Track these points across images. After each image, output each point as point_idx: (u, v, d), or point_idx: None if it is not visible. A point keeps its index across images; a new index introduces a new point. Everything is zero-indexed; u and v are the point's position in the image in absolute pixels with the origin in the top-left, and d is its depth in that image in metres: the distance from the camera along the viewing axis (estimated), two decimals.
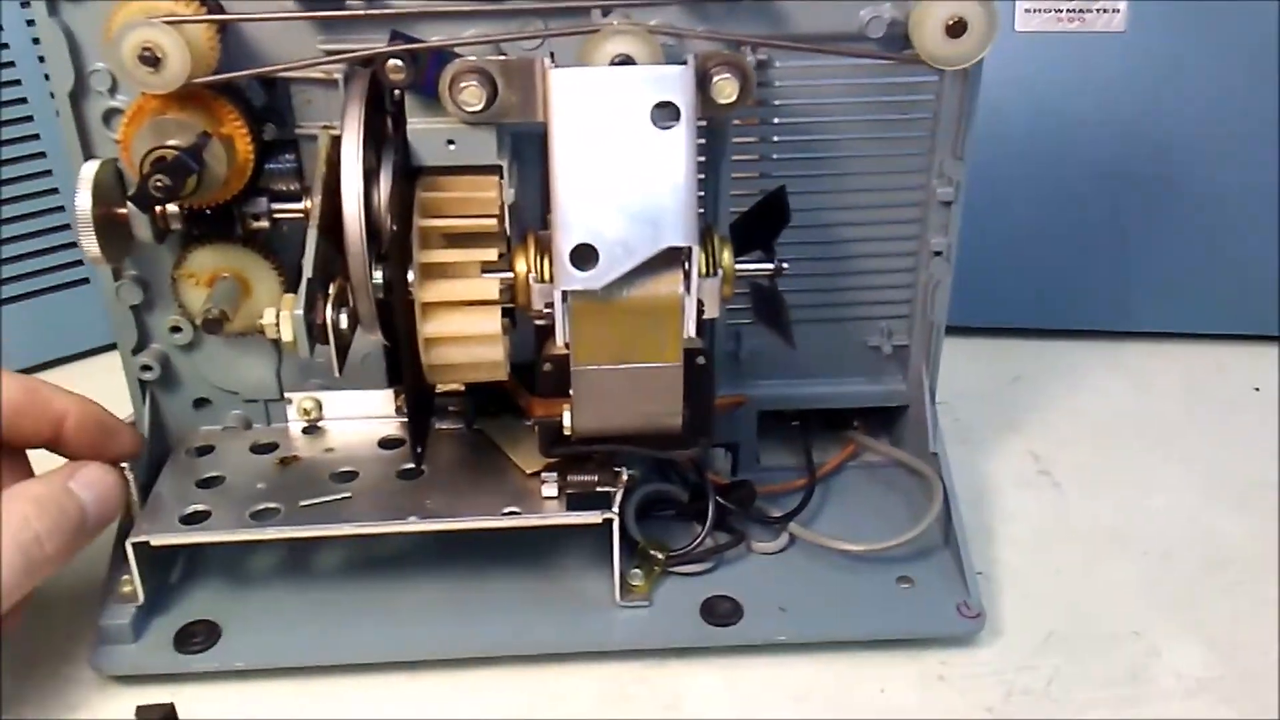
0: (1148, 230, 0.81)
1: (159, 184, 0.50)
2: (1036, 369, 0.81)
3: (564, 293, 0.51)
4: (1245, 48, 0.77)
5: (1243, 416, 0.77)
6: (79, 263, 0.79)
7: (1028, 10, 0.78)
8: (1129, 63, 0.77)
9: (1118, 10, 0.77)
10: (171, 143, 0.51)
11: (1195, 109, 0.78)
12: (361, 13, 0.53)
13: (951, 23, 0.51)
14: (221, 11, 0.52)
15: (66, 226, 0.78)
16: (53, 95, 0.72)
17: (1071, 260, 0.82)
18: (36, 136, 0.76)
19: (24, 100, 0.75)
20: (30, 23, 0.73)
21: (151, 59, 0.49)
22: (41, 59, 0.73)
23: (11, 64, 0.74)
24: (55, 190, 0.78)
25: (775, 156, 0.61)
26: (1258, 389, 0.79)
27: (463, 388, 0.63)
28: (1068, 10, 0.78)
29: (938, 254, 0.62)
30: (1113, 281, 0.82)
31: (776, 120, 0.60)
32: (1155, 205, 0.80)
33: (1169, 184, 0.80)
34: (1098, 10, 0.77)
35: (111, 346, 0.63)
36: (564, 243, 0.50)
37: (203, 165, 0.51)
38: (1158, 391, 0.79)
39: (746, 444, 0.67)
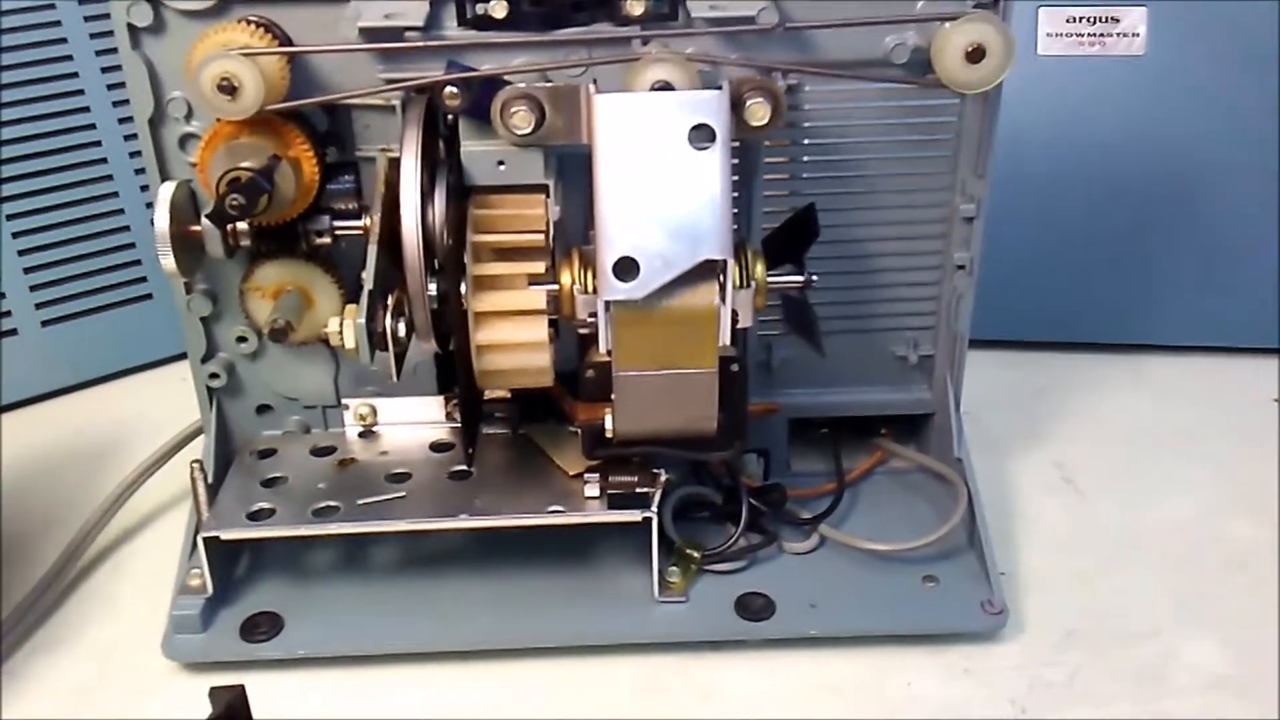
0: (1168, 246, 0.83)
1: (235, 203, 0.53)
2: (1060, 381, 0.83)
3: (606, 303, 0.54)
4: (1262, 68, 0.79)
5: (1260, 426, 0.78)
6: (144, 279, 0.84)
7: (1050, 35, 0.81)
8: (1149, 84, 0.80)
9: (1138, 35, 0.80)
10: (245, 165, 0.54)
11: (1213, 128, 0.80)
12: (419, 44, 0.57)
13: (970, 49, 0.54)
14: (291, 44, 0.57)
15: (132, 245, 0.83)
16: (120, 122, 0.76)
17: (1094, 275, 0.84)
18: (105, 160, 0.81)
19: (93, 126, 0.80)
20: (102, 53, 0.78)
21: (229, 88, 0.53)
22: (110, 88, 0.79)
23: (81, 91, 0.79)
24: (121, 211, 0.82)
25: (805, 175, 0.64)
26: (1277, 400, 0.81)
27: (510, 394, 0.66)
28: (1089, 35, 0.80)
29: (960, 268, 0.65)
30: (1134, 296, 0.84)
31: (806, 141, 0.63)
32: (1175, 222, 0.83)
33: (1188, 201, 0.82)
34: (1118, 35, 0.80)
35: (178, 357, 0.66)
36: (607, 256, 0.53)
37: (273, 185, 0.55)
38: (1178, 402, 0.81)
39: (778, 450, 0.70)
